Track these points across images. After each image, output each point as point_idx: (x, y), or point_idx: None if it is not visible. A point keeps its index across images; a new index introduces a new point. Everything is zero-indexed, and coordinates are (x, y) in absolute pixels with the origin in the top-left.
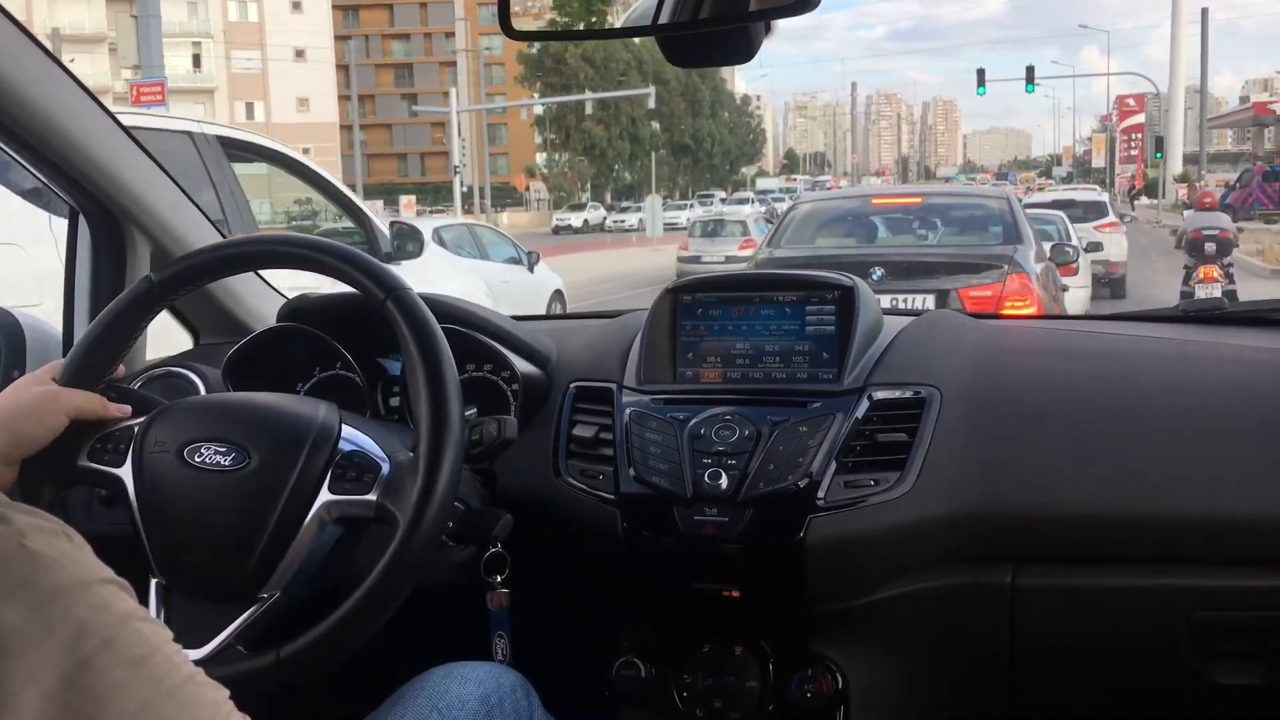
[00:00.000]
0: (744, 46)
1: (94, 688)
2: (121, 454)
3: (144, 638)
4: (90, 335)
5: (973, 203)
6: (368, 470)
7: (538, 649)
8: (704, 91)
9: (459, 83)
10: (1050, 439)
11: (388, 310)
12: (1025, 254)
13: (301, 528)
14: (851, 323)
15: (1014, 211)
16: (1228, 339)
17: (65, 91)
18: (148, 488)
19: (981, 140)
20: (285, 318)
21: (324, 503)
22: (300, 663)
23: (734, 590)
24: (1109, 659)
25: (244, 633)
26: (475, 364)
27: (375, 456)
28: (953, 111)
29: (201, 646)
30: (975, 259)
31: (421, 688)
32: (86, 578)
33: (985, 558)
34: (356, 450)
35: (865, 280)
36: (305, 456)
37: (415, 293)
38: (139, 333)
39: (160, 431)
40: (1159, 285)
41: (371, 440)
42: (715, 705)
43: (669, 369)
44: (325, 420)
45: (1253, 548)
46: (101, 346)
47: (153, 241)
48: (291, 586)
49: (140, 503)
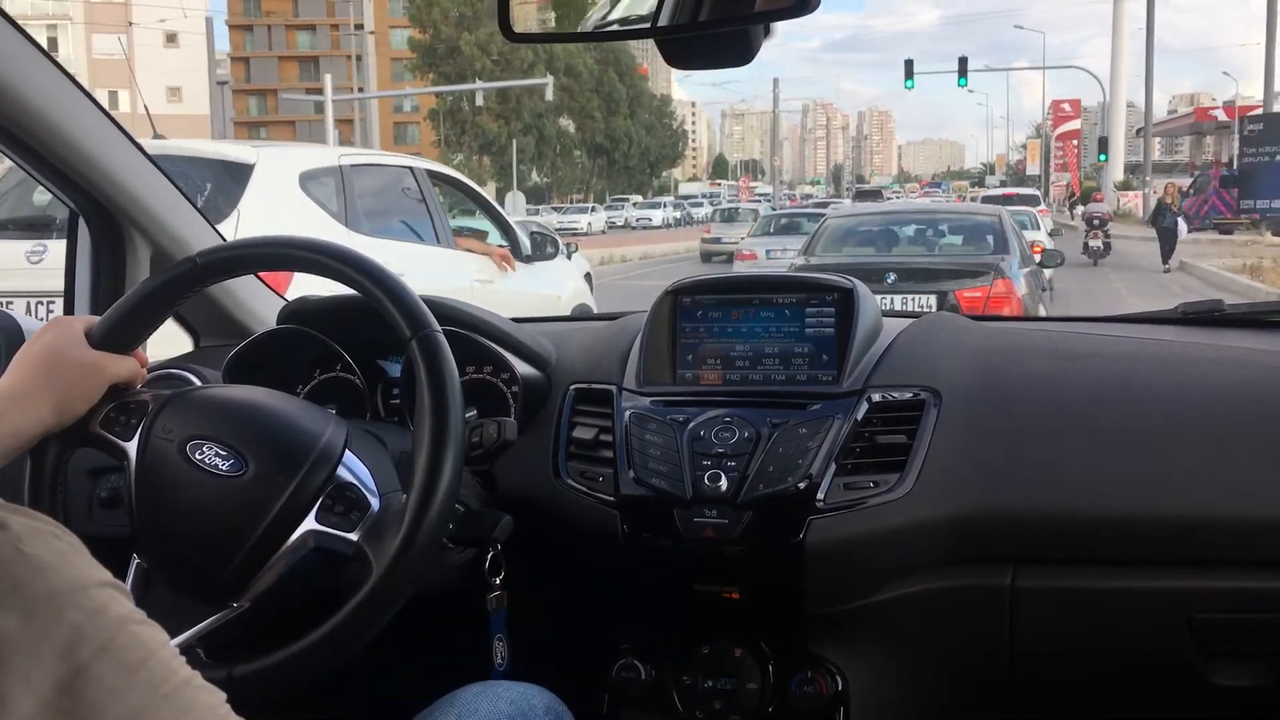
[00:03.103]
0: (743, 48)
1: (90, 694)
2: (132, 429)
3: (141, 641)
4: (127, 300)
5: (972, 220)
6: (356, 508)
7: (537, 651)
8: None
9: (367, 77)
10: (1049, 441)
11: (411, 349)
12: (1010, 262)
13: (282, 546)
14: (851, 325)
15: (1004, 226)
16: (1227, 341)
17: (64, 93)
18: (147, 471)
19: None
20: (285, 320)
21: (308, 529)
22: (249, 684)
23: (734, 592)
24: (1108, 660)
25: (206, 637)
26: (475, 366)
27: (368, 492)
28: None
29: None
30: (969, 266)
31: (452, 705)
32: (83, 581)
33: (985, 559)
34: (351, 484)
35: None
36: (302, 476)
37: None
38: (173, 309)
39: (170, 418)
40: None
41: (369, 473)
42: (715, 707)
43: (669, 371)
44: (330, 440)
45: (1252, 549)
46: (136, 314)
47: (152, 243)
48: (261, 600)
49: (137, 483)
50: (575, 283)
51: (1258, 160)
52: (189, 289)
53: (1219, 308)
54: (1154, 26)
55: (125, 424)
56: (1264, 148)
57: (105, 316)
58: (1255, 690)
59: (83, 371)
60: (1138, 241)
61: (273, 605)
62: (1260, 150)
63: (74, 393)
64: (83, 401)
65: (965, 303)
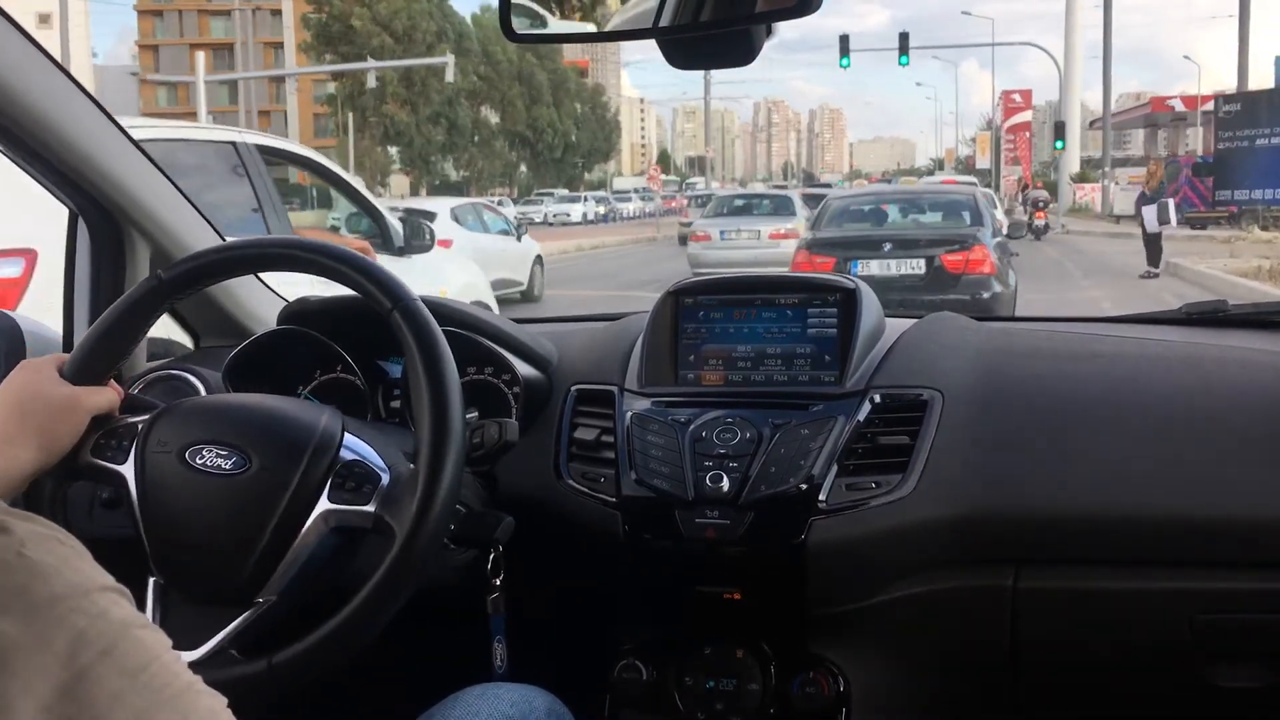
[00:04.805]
0: (745, 48)
1: (92, 699)
2: (124, 451)
3: (143, 646)
4: (97, 329)
5: (949, 199)
6: (367, 480)
7: (539, 651)
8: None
9: (286, 64)
10: (1052, 442)
11: (393, 320)
12: (985, 233)
13: (299, 534)
14: (853, 325)
15: (978, 202)
16: (1230, 341)
17: (64, 93)
18: (149, 487)
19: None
20: (286, 321)
21: (322, 511)
22: (291, 670)
23: (735, 592)
24: (1110, 661)
25: (237, 637)
26: (476, 367)
27: (376, 467)
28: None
29: (195, 649)
30: (951, 235)
31: (454, 707)
32: (85, 585)
33: (987, 560)
34: (357, 460)
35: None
36: (306, 463)
37: (421, 303)
38: (146, 329)
39: (163, 431)
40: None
41: (373, 450)
42: (716, 708)
43: (670, 372)
44: (327, 427)
45: (1254, 550)
46: (108, 341)
47: (152, 243)
48: (287, 592)
49: (141, 501)
50: (467, 277)
51: (1235, 145)
52: (156, 307)
53: (1222, 308)
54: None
55: (117, 448)
56: (1242, 131)
57: (76, 349)
58: (1257, 691)
59: (61, 408)
60: (1102, 239)
61: (300, 594)
62: (1238, 134)
63: (56, 429)
64: (67, 437)
65: (949, 264)
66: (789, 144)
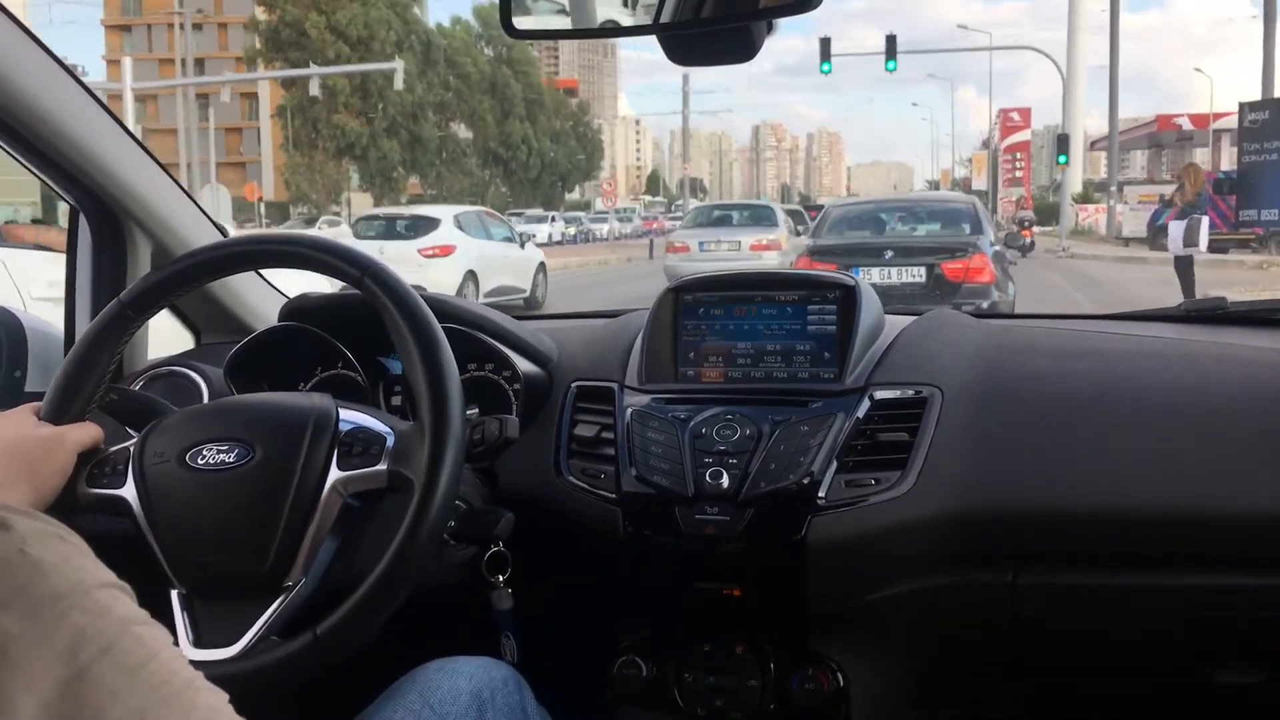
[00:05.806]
0: (745, 45)
1: (91, 697)
2: (121, 474)
3: (143, 643)
4: (67, 366)
5: (950, 207)
6: (374, 443)
7: (538, 648)
8: (515, 88)
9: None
10: (1052, 439)
11: (365, 287)
12: (984, 241)
13: (316, 511)
14: (853, 322)
15: (978, 211)
16: (1229, 339)
17: (65, 89)
18: (154, 500)
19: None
20: (287, 317)
21: (335, 481)
22: (337, 638)
23: (735, 589)
24: (1109, 657)
25: (274, 623)
26: (477, 363)
27: (378, 430)
28: (837, 144)
29: (234, 644)
30: (951, 244)
31: (413, 683)
32: (86, 582)
33: (986, 557)
34: (359, 427)
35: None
36: (309, 441)
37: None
38: (118, 354)
39: (157, 443)
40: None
41: (370, 417)
42: (716, 704)
43: (670, 368)
44: (321, 406)
45: (1254, 547)
46: (81, 373)
47: (153, 239)
48: (314, 571)
49: (148, 517)
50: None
51: (1263, 159)
52: (124, 330)
53: (1222, 305)
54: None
55: (112, 473)
56: (1271, 143)
57: (49, 390)
58: (1255, 688)
59: (45, 447)
60: (1111, 264)
61: (327, 572)
62: (1266, 146)
63: (42, 470)
64: (55, 476)
65: (949, 273)
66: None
